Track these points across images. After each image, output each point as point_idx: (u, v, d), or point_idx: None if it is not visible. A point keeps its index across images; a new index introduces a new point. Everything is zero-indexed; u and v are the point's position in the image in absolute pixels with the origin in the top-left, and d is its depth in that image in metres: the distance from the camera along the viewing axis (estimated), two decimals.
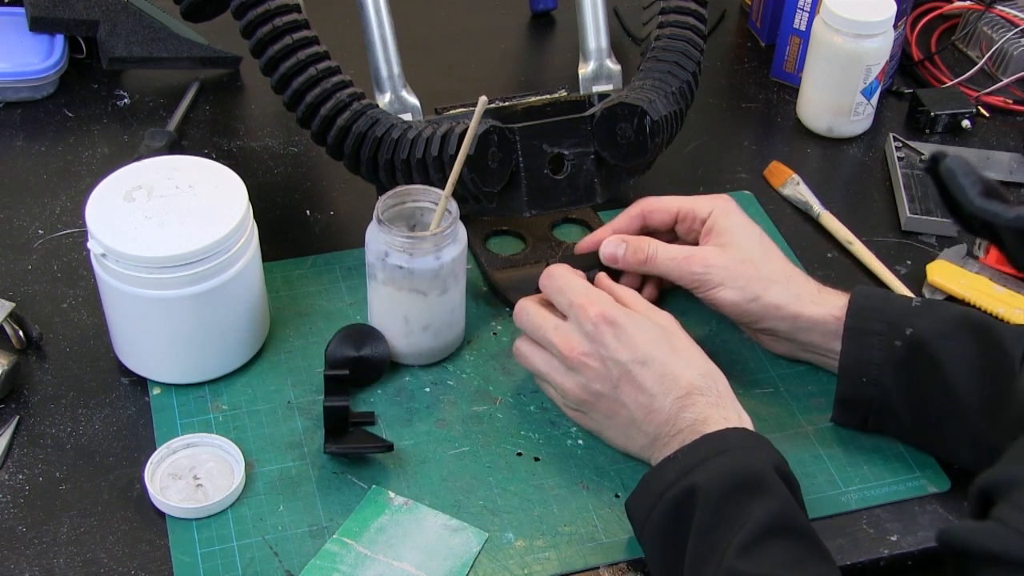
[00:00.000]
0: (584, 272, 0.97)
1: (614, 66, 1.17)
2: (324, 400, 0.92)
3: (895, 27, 1.25)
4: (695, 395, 0.88)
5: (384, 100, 1.10)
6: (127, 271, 0.91)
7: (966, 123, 1.29)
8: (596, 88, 1.16)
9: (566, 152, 1.09)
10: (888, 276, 1.11)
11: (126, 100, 1.28)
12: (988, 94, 1.34)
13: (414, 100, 1.11)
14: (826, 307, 0.96)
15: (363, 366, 0.98)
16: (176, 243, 0.90)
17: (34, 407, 0.96)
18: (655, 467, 0.86)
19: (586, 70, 1.17)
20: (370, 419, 0.95)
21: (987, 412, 0.89)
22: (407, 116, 1.10)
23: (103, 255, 0.91)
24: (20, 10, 1.28)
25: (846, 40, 1.21)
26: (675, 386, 0.88)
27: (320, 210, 1.16)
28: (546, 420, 0.97)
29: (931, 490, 0.93)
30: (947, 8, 1.46)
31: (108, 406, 0.97)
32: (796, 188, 1.20)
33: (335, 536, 0.88)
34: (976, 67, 1.36)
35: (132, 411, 0.96)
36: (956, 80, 1.35)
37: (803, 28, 1.31)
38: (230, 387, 0.98)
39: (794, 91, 1.32)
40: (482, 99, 0.94)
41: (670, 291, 1.05)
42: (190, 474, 0.91)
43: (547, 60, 1.43)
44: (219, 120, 1.26)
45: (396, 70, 1.10)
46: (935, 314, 0.93)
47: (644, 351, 0.89)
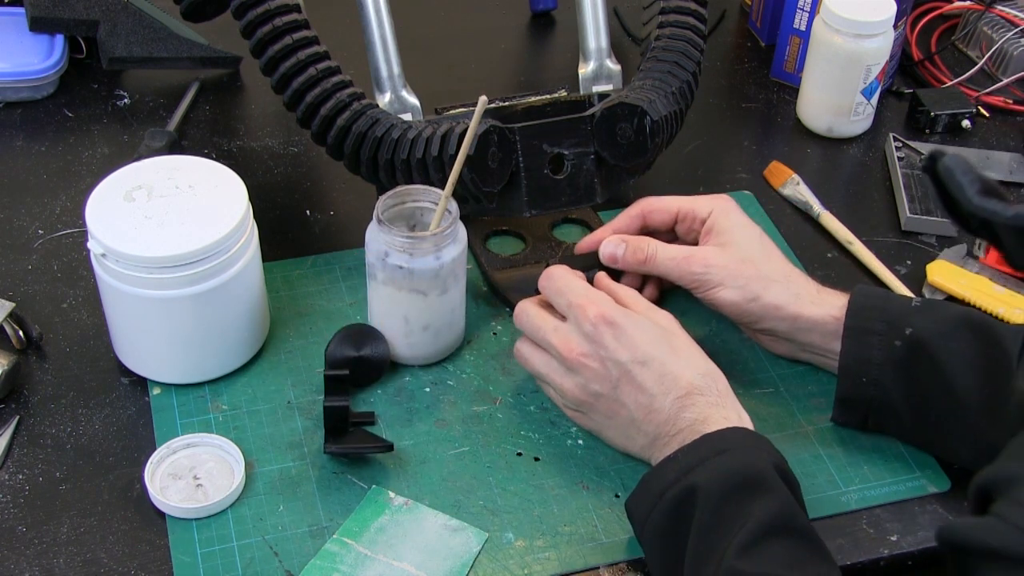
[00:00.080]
0: (584, 272, 0.97)
1: (614, 66, 1.17)
2: (324, 400, 0.92)
3: (895, 27, 1.25)
4: (695, 395, 0.88)
5: (384, 100, 1.10)
6: (127, 271, 0.91)
7: (966, 123, 1.29)
8: (596, 88, 1.16)
9: (566, 152, 1.09)
10: (888, 276, 1.11)
11: (126, 100, 1.28)
12: (988, 94, 1.34)
13: (414, 100, 1.11)
14: (826, 307, 0.96)
15: (363, 366, 0.98)
16: (176, 243, 0.90)
17: (34, 407, 0.96)
18: (655, 467, 0.86)
19: (586, 70, 1.17)
20: (370, 419, 0.95)
21: (987, 411, 0.89)
22: (407, 116, 1.10)
23: (103, 255, 0.91)
24: (20, 10, 1.28)
25: (846, 40, 1.21)
26: (675, 386, 0.88)
27: (320, 210, 1.16)
28: (546, 420, 0.97)
29: (931, 490, 0.93)
30: (947, 8, 1.46)
31: (108, 406, 0.97)
32: (796, 188, 1.20)
33: (335, 536, 0.88)
34: (976, 67, 1.36)
35: (132, 411, 0.96)
36: (956, 80, 1.35)
37: (803, 28, 1.31)
38: (230, 387, 0.98)
39: (794, 91, 1.32)
40: (482, 99, 0.94)
41: (670, 291, 1.05)
42: (190, 474, 0.91)
43: (547, 60, 1.43)
44: (219, 120, 1.26)
45: (396, 70, 1.10)
46: (935, 314, 0.93)
47: (643, 351, 0.89)
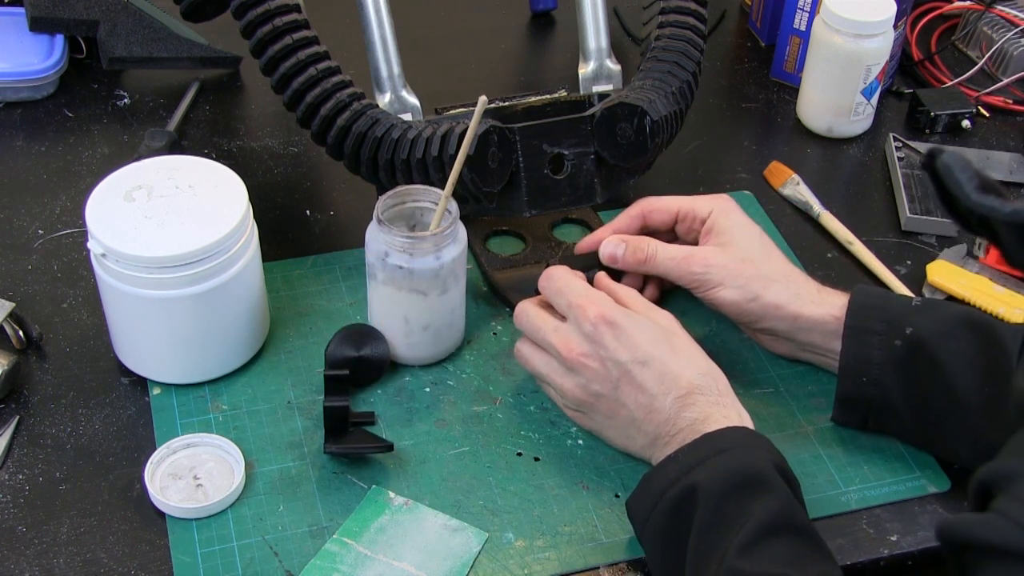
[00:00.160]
0: (584, 272, 0.97)
1: (614, 66, 1.17)
2: (324, 400, 0.92)
3: (895, 27, 1.25)
4: (695, 394, 0.88)
5: (384, 100, 1.10)
6: (127, 271, 0.91)
7: (966, 123, 1.29)
8: (596, 88, 1.16)
9: (566, 152, 1.09)
10: (888, 276, 1.11)
11: (126, 100, 1.28)
12: (988, 94, 1.34)
13: (414, 100, 1.11)
14: (826, 307, 0.96)
15: (363, 366, 0.98)
16: (176, 243, 0.90)
17: (34, 407, 0.96)
18: (655, 467, 0.86)
19: (586, 70, 1.17)
20: (370, 419, 0.95)
21: (987, 411, 0.89)
22: (407, 116, 1.10)
23: (103, 255, 0.91)
24: (20, 10, 1.28)
25: (846, 40, 1.21)
26: (675, 385, 0.88)
27: (320, 210, 1.16)
28: (546, 420, 0.97)
29: (931, 490, 0.93)
30: (947, 8, 1.46)
31: (108, 406, 0.97)
32: (796, 188, 1.20)
33: (335, 536, 0.88)
34: (976, 67, 1.36)
35: (132, 411, 0.96)
36: (956, 80, 1.35)
37: (803, 28, 1.31)
38: (230, 387, 0.98)
39: (794, 91, 1.32)
40: (482, 99, 0.94)
41: (670, 291, 1.05)
42: (190, 474, 0.91)
43: (547, 60, 1.43)
44: (219, 120, 1.26)
45: (396, 70, 1.10)
46: (935, 313, 0.93)
47: (644, 351, 0.89)
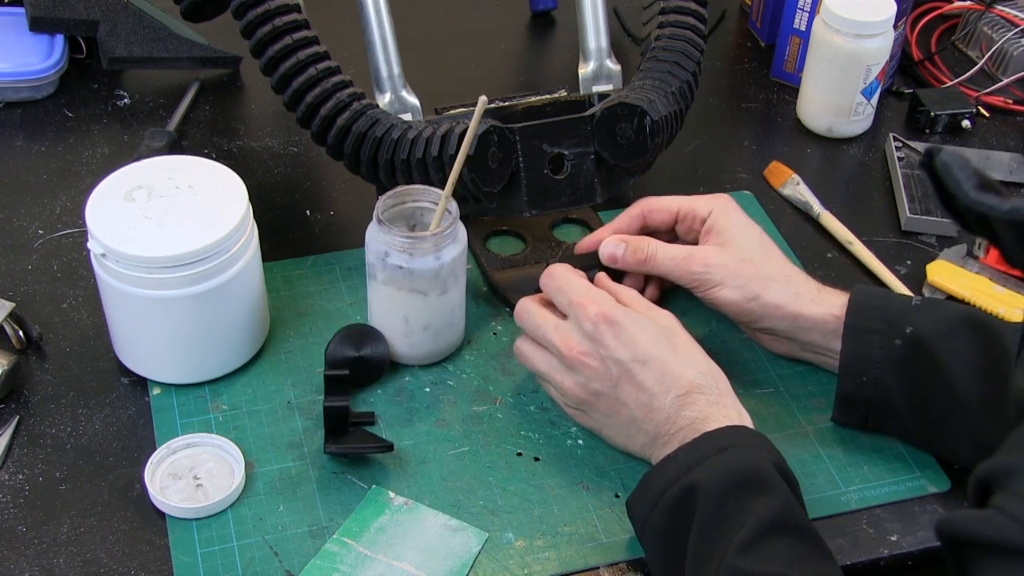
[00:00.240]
0: (584, 272, 0.97)
1: (614, 66, 1.17)
2: (324, 400, 0.92)
3: (895, 27, 1.25)
4: (695, 393, 0.88)
5: (384, 100, 1.10)
6: (127, 271, 0.91)
7: (966, 123, 1.29)
8: (596, 88, 1.16)
9: (566, 152, 1.09)
10: (888, 276, 1.11)
11: (126, 100, 1.28)
12: (988, 94, 1.34)
13: (414, 100, 1.11)
14: (826, 306, 0.96)
15: (363, 366, 0.98)
16: (176, 243, 0.90)
17: (34, 407, 0.96)
18: (655, 466, 0.86)
19: (586, 70, 1.17)
20: (370, 419, 0.95)
21: (987, 410, 0.89)
22: (407, 116, 1.10)
23: (103, 255, 0.91)
24: (20, 10, 1.28)
25: (846, 40, 1.21)
26: (675, 385, 0.88)
27: (320, 210, 1.16)
28: (546, 420, 0.97)
29: (931, 490, 0.93)
30: (947, 8, 1.46)
31: (108, 406, 0.97)
32: (796, 188, 1.20)
33: (335, 536, 0.88)
34: (976, 67, 1.36)
35: (132, 411, 0.96)
36: (956, 80, 1.35)
37: (803, 28, 1.31)
38: (230, 387, 0.98)
39: (794, 91, 1.32)
40: (482, 99, 0.94)
41: (670, 291, 1.05)
42: (190, 474, 0.91)
43: (547, 60, 1.43)
44: (219, 120, 1.26)
45: (396, 70, 1.10)
46: (935, 312, 0.93)
47: (644, 350, 0.89)
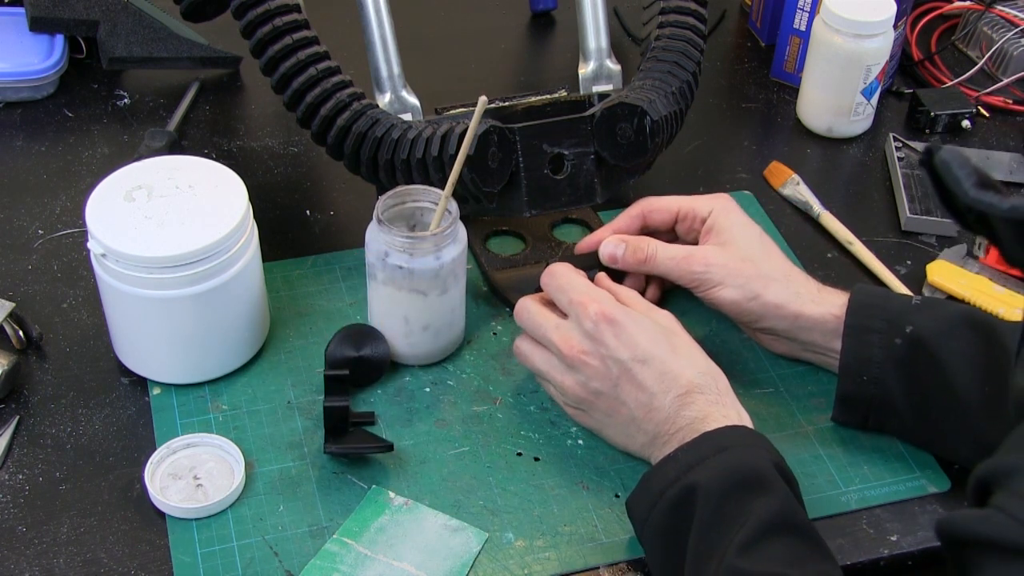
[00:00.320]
0: (584, 272, 0.97)
1: (614, 66, 1.17)
2: (324, 400, 0.92)
3: (895, 27, 1.25)
4: (695, 393, 0.88)
5: (384, 100, 1.10)
6: (127, 271, 0.91)
7: (966, 123, 1.29)
8: (596, 88, 1.16)
9: (566, 152, 1.09)
10: (888, 276, 1.11)
11: (126, 100, 1.28)
12: (988, 94, 1.34)
13: (414, 100, 1.11)
14: (826, 306, 0.96)
15: (363, 366, 0.98)
16: (176, 243, 0.90)
17: (34, 407, 0.96)
18: (655, 466, 0.86)
19: (586, 70, 1.17)
20: (370, 419, 0.95)
21: (987, 410, 0.89)
22: (407, 116, 1.10)
23: (103, 255, 0.91)
24: (20, 10, 1.28)
25: (846, 40, 1.21)
26: (675, 384, 0.88)
27: (320, 210, 1.16)
28: (546, 420, 0.97)
29: (931, 490, 0.93)
30: (947, 8, 1.46)
31: (108, 406, 0.97)
32: (796, 188, 1.20)
33: (335, 536, 0.88)
34: (976, 67, 1.36)
35: (132, 411, 0.96)
36: (956, 80, 1.35)
37: (803, 28, 1.31)
38: (230, 387, 0.98)
39: (794, 91, 1.32)
40: (482, 99, 0.94)
41: (670, 291, 1.05)
42: (190, 474, 0.91)
43: (547, 60, 1.43)
44: (219, 120, 1.26)
45: (396, 70, 1.10)
46: (935, 312, 0.93)
47: (644, 349, 0.89)
